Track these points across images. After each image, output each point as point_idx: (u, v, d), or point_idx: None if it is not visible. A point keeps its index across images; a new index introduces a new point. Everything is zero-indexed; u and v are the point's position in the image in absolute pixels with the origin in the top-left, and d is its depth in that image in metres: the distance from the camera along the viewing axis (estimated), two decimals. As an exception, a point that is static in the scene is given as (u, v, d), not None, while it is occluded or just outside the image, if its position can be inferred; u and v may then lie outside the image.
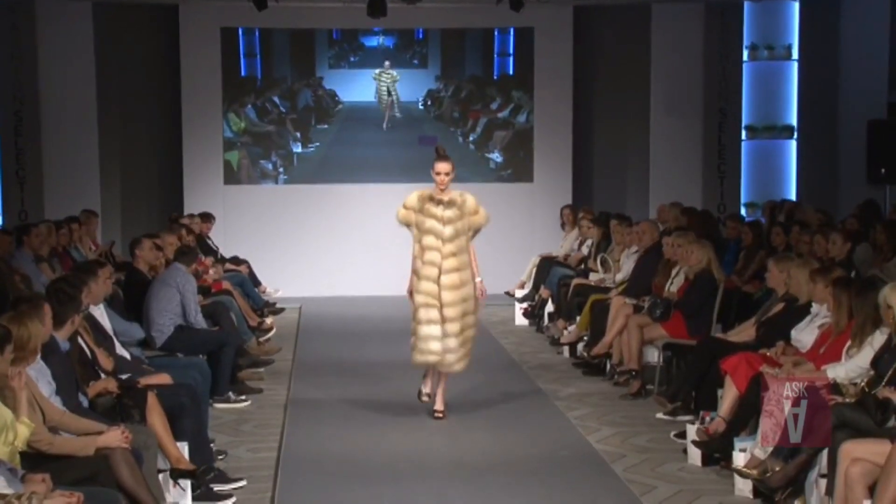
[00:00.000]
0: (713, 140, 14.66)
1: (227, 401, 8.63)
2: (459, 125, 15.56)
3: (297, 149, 15.44)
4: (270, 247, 14.94)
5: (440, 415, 8.18)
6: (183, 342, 8.53)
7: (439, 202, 8.06)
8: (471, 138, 15.52)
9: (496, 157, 15.48)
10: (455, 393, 8.60)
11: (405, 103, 15.45)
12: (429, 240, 8.02)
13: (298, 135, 15.42)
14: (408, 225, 8.15)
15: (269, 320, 11.68)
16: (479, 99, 15.55)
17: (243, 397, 8.80)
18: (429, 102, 15.53)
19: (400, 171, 15.29)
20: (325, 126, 15.47)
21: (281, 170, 15.43)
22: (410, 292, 8.12)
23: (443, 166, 8.13)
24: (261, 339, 10.86)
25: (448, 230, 8.00)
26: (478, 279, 8.11)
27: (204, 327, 8.85)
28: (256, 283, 13.17)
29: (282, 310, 12.90)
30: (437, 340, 7.98)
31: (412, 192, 8.19)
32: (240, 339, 9.62)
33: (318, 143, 15.47)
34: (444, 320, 7.97)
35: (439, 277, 7.98)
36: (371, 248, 14.95)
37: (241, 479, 6.64)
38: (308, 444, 7.54)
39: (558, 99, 15.33)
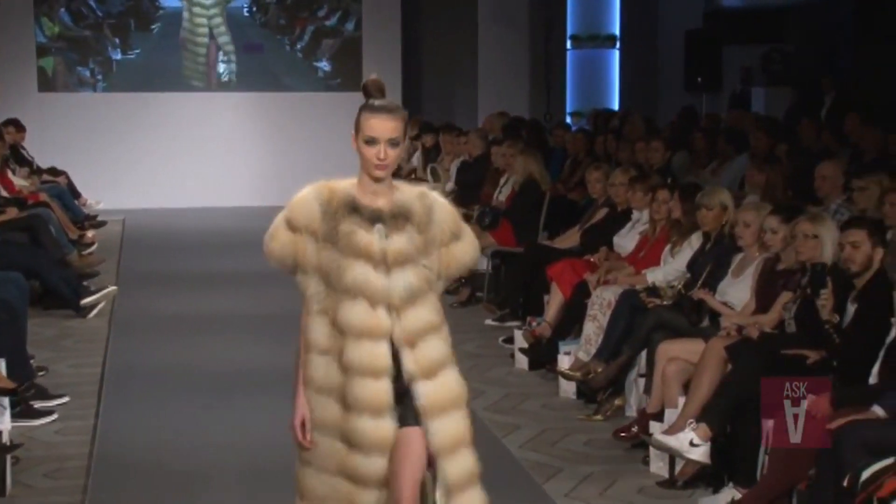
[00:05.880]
0: (539, 49, 14.78)
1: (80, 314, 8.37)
2: (286, 33, 15.23)
3: (117, 55, 14.85)
4: (90, 157, 14.40)
5: None
6: None
7: (374, 214, 3.43)
8: (298, 46, 15.22)
9: (324, 65, 15.26)
10: (276, 306, 8.49)
11: (231, 10, 14.99)
12: (357, 312, 3.39)
13: (117, 40, 14.83)
14: (295, 271, 3.50)
15: (90, 233, 11.34)
16: (305, 6, 15.23)
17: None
18: (254, 9, 15.13)
19: (224, 79, 14.95)
20: (146, 32, 14.91)
21: (99, 77, 14.84)
22: (303, 424, 3.47)
23: (384, 124, 3.39)
24: (83, 252, 10.55)
25: (401, 284, 3.41)
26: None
27: None
28: (76, 194, 12.74)
29: (104, 222, 12.54)
30: None
31: (305, 190, 3.45)
32: (60, 251, 9.29)
33: (138, 50, 14.92)
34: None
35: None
36: (196, 159, 14.62)
37: (63, 396, 6.46)
38: (134, 358, 7.39)
39: (386, 7, 15.16)
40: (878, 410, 4.39)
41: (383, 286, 3.39)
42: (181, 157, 14.74)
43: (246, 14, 15.11)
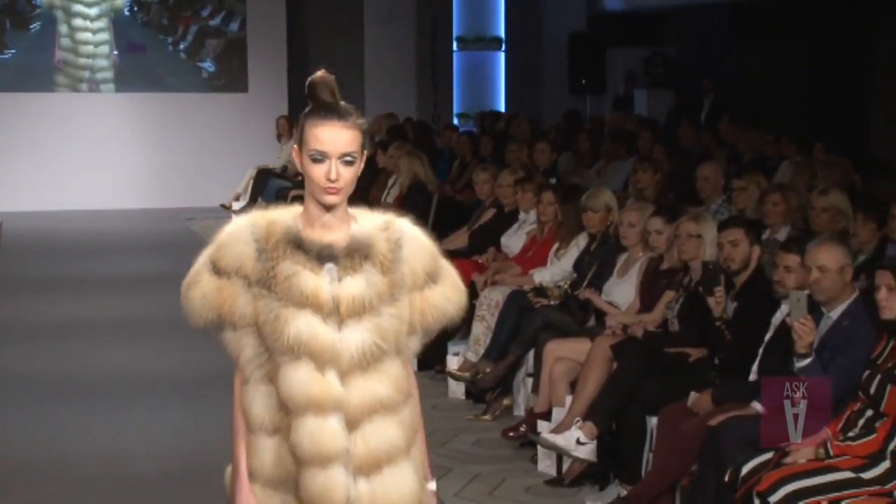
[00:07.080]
0: (426, 51, 14.83)
1: None
2: (169, 32, 14.97)
3: (-9, 55, 14.45)
4: (-36, 160, 13.99)
5: None
6: None
7: (324, 251, 2.60)
8: (181, 46, 14.98)
9: (208, 66, 15.05)
10: (155, 310, 8.35)
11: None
12: (300, 378, 2.54)
13: (-9, 39, 14.41)
14: (222, 327, 2.62)
15: (-36, 238, 11.00)
16: (188, 5, 15.00)
17: None
18: (135, 8, 14.84)
19: (105, 79, 14.66)
20: (23, 31, 14.50)
21: (-27, 77, 14.41)
22: None
23: (335, 134, 2.69)
24: (-44, 258, 10.23)
25: (352, 343, 2.58)
26: (429, 486, 2.77)
27: None
28: (-51, 198, 12.35)
29: (-21, 226, 12.19)
30: None
31: (236, 221, 2.65)
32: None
33: (14, 50, 14.50)
34: None
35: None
36: (76, 161, 14.29)
37: (-64, 407, 6.27)
38: (11, 364, 7.19)
39: (271, 7, 15.03)
40: (757, 407, 4.50)
41: (333, 342, 2.55)
42: (61, 159, 14.39)
43: (127, 13, 14.81)
